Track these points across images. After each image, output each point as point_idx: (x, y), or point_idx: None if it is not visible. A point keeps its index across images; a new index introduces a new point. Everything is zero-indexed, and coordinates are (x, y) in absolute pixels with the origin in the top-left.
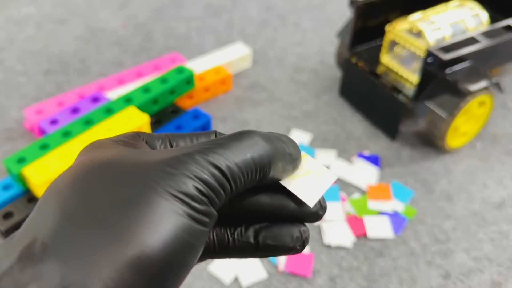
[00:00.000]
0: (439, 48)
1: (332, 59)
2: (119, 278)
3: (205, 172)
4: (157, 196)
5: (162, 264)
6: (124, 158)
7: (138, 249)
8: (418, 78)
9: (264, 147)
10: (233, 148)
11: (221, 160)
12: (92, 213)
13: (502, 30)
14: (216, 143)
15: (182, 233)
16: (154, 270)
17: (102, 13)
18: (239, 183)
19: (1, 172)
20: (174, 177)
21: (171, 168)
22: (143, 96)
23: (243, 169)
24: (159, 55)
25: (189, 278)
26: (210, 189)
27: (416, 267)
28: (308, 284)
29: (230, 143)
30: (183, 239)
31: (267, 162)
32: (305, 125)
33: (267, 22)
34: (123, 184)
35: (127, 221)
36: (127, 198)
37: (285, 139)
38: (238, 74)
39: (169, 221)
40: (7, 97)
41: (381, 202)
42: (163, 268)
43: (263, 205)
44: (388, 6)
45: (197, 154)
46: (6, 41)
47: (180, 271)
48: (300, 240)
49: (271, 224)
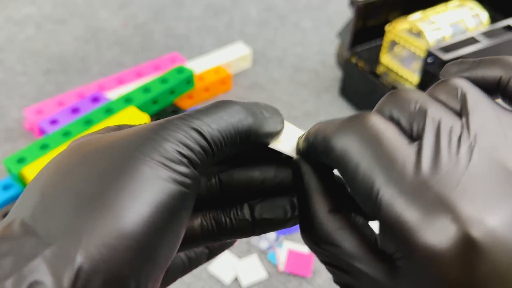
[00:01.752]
0: (439, 48)
1: (332, 59)
2: (104, 247)
3: (185, 135)
4: (138, 163)
5: (147, 230)
6: (103, 136)
7: (121, 217)
8: (418, 78)
9: (242, 112)
10: (213, 115)
11: (200, 124)
12: (72, 188)
13: (502, 30)
14: (196, 110)
15: (166, 197)
16: (140, 236)
17: (102, 13)
18: (220, 145)
19: (1, 172)
20: (154, 143)
21: (152, 134)
22: (143, 96)
23: (223, 132)
24: (159, 55)
25: (189, 278)
26: (190, 150)
27: None
28: (308, 284)
29: (210, 109)
30: (167, 203)
31: (246, 127)
32: (305, 125)
33: (267, 22)
34: (102, 157)
35: (108, 190)
36: (107, 169)
37: (264, 105)
38: (238, 74)
39: (151, 187)
40: (7, 97)
41: None
42: (149, 233)
43: (254, 179)
44: (388, 6)
45: (176, 120)
46: (6, 41)
47: (167, 237)
48: (295, 209)
49: (264, 199)
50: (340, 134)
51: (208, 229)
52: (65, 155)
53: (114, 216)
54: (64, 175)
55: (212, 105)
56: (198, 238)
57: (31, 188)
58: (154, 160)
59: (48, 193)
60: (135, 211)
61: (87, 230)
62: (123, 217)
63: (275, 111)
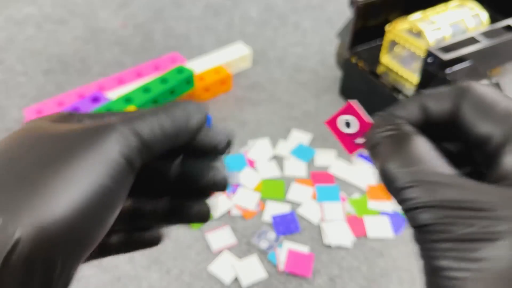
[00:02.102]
0: (439, 48)
1: (332, 59)
2: (39, 228)
3: (126, 136)
4: (79, 151)
5: (78, 215)
6: (53, 126)
7: (55, 201)
8: (418, 78)
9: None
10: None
11: (140, 126)
12: (16, 171)
13: (502, 30)
14: (138, 112)
15: (99, 187)
16: (71, 220)
17: (102, 13)
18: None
19: None
20: (97, 136)
21: (95, 132)
22: (143, 96)
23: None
24: (159, 55)
25: (188, 278)
26: (127, 147)
27: (416, 267)
28: (308, 284)
29: (147, 113)
30: (101, 192)
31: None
32: (305, 125)
33: (267, 22)
34: (47, 145)
35: (47, 176)
36: (50, 156)
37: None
38: (238, 74)
39: (87, 174)
40: (7, 97)
41: (381, 202)
42: (80, 218)
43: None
44: (388, 6)
45: (119, 124)
46: (6, 41)
47: (97, 223)
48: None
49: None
50: None
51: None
52: (15, 138)
53: (49, 199)
54: (11, 158)
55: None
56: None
57: None
58: (94, 148)
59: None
60: (69, 196)
61: (26, 210)
62: (58, 201)
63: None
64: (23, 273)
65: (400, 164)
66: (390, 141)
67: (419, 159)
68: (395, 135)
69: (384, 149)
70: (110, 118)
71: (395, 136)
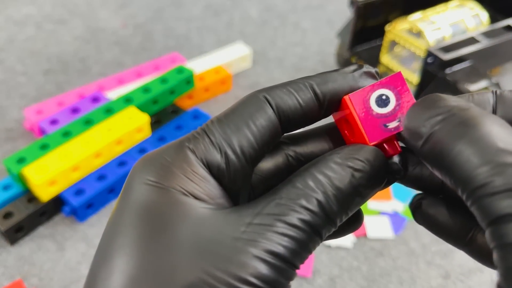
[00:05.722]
0: (439, 48)
1: (332, 59)
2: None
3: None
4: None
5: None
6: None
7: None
8: (418, 78)
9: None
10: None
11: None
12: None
13: (502, 30)
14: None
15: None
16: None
17: (102, 13)
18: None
19: (1, 172)
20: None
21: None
22: (143, 96)
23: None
24: (159, 55)
25: None
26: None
27: (416, 267)
28: (308, 284)
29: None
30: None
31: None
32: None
33: (267, 22)
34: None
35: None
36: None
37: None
38: (238, 74)
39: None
40: (7, 97)
41: (381, 202)
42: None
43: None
44: (388, 6)
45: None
46: (6, 41)
47: None
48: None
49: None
50: None
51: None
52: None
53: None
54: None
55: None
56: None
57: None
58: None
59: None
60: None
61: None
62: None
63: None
64: None
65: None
66: (456, 122)
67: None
68: (461, 115)
69: (446, 136)
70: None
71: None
